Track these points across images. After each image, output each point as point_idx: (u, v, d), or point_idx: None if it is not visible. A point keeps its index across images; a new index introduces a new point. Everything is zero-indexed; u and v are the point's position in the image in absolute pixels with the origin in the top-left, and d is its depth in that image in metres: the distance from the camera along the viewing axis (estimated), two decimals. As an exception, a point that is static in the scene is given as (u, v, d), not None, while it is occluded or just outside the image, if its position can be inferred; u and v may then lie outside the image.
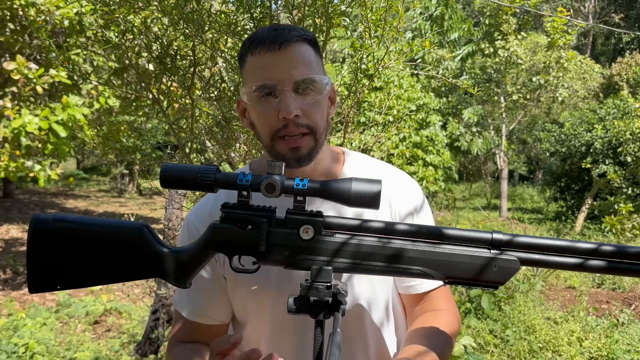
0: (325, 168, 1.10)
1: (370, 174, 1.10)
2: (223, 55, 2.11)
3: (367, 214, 1.03)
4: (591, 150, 10.35)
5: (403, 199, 1.12)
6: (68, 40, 5.61)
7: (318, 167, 1.07)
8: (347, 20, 2.04)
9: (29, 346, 4.03)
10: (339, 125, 2.35)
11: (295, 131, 0.96)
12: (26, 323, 4.54)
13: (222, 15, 1.97)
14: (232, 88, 2.17)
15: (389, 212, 1.10)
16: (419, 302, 1.12)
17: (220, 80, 2.20)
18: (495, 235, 0.84)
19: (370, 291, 1.08)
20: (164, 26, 2.12)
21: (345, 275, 1.05)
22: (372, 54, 2.03)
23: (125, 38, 2.11)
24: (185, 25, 1.97)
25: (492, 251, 0.84)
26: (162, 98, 2.26)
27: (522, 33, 12.60)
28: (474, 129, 14.77)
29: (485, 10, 12.58)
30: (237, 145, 2.35)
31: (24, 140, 4.91)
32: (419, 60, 2.26)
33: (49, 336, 4.35)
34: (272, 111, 0.96)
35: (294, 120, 0.96)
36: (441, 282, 1.03)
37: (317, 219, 0.84)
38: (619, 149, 9.55)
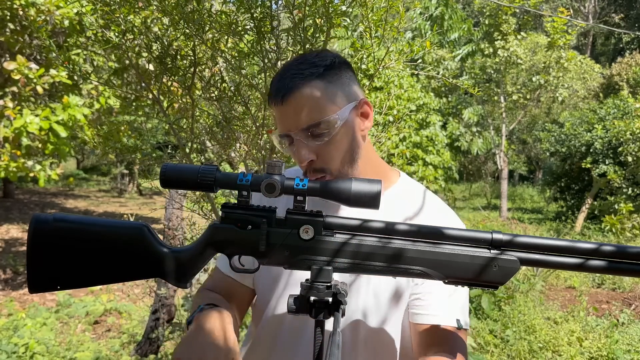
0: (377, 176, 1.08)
1: (413, 204, 1.10)
2: (223, 55, 2.11)
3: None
4: (591, 150, 10.35)
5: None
6: (68, 40, 5.62)
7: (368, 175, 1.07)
8: (348, 20, 2.04)
9: (29, 346, 4.03)
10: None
11: (314, 175, 1.01)
12: (26, 323, 4.54)
13: (223, 15, 1.97)
14: (232, 88, 2.17)
15: None
16: (422, 337, 1.03)
17: (220, 80, 2.20)
18: (496, 235, 0.84)
19: (374, 304, 1.06)
20: (164, 26, 2.12)
21: (348, 280, 1.06)
22: (372, 54, 2.03)
23: (125, 38, 2.11)
24: (185, 25, 1.97)
25: (492, 251, 0.84)
26: (162, 98, 2.26)
27: (522, 33, 12.60)
28: (474, 129, 14.77)
29: (485, 10, 12.58)
30: (237, 145, 2.35)
31: (25, 140, 4.91)
32: (419, 60, 2.26)
33: (49, 336, 4.35)
34: (295, 158, 1.03)
35: (310, 166, 1.01)
36: (454, 323, 1.00)
37: (317, 219, 0.84)
38: (619, 149, 9.55)
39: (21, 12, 4.94)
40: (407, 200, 1.11)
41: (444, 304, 1.02)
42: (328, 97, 0.99)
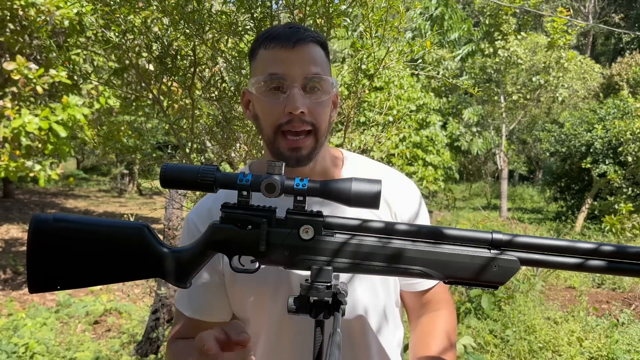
0: (324, 169, 1.11)
1: (369, 175, 1.10)
2: (223, 55, 2.11)
3: (367, 214, 1.03)
4: (591, 150, 10.35)
5: (402, 200, 1.14)
6: (68, 40, 5.62)
7: (317, 168, 1.08)
8: (348, 20, 2.04)
9: (29, 346, 4.03)
10: (339, 125, 2.35)
11: (299, 127, 0.98)
12: (26, 323, 4.54)
13: (223, 15, 1.97)
14: (232, 88, 2.17)
15: (389, 212, 1.12)
16: (420, 298, 1.17)
17: (220, 80, 2.20)
18: (495, 235, 0.84)
19: (371, 297, 1.09)
20: (165, 26, 2.12)
21: (345, 277, 1.06)
22: (372, 54, 2.03)
23: (125, 38, 2.11)
24: (185, 25, 1.97)
25: (492, 251, 0.84)
26: (162, 98, 2.26)
27: (522, 33, 12.60)
28: (474, 129, 14.77)
29: (485, 10, 12.58)
30: (237, 145, 2.35)
31: (24, 140, 4.91)
32: (419, 60, 2.26)
33: (49, 336, 4.35)
34: (278, 105, 0.98)
35: (299, 117, 0.98)
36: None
37: (317, 219, 0.84)
38: (619, 149, 9.55)
39: (21, 12, 4.94)
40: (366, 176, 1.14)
41: None
42: (327, 64, 1.05)
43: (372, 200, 0.81)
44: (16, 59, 4.86)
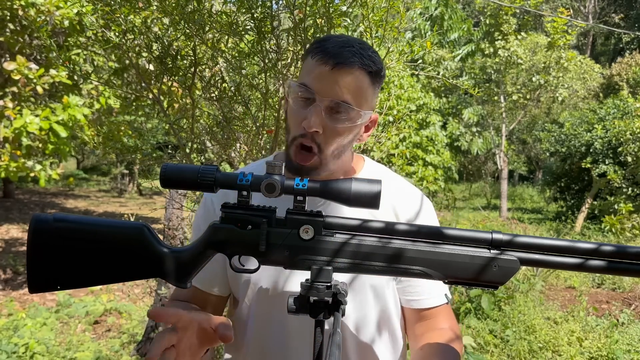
0: (344, 170, 1.13)
1: (381, 177, 1.14)
2: (224, 55, 2.11)
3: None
4: (591, 150, 10.35)
5: (413, 215, 1.14)
6: (68, 40, 5.61)
7: (338, 170, 1.10)
8: (348, 20, 2.04)
9: (29, 346, 4.03)
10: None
11: (308, 143, 1.00)
12: (26, 323, 4.54)
13: (223, 15, 1.97)
14: (232, 88, 2.17)
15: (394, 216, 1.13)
16: (420, 318, 1.13)
17: (221, 80, 2.20)
18: (495, 235, 0.84)
19: (359, 311, 1.09)
20: (165, 26, 2.12)
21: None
22: (372, 54, 2.03)
23: (125, 38, 2.11)
24: (185, 25, 1.97)
25: (492, 251, 0.84)
26: (162, 98, 2.26)
27: (522, 33, 12.61)
28: (474, 129, 14.77)
29: (486, 10, 12.58)
30: (238, 145, 2.35)
31: (25, 140, 4.91)
32: (419, 60, 2.26)
33: (49, 336, 4.35)
34: (300, 116, 1.00)
35: (312, 135, 1.00)
36: (445, 300, 1.11)
37: (317, 219, 0.84)
38: (619, 149, 9.55)
39: (21, 12, 4.93)
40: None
41: (433, 284, 1.10)
42: (367, 95, 1.03)
43: (372, 200, 0.81)
44: (16, 59, 4.85)
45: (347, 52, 0.98)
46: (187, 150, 2.25)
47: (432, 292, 1.11)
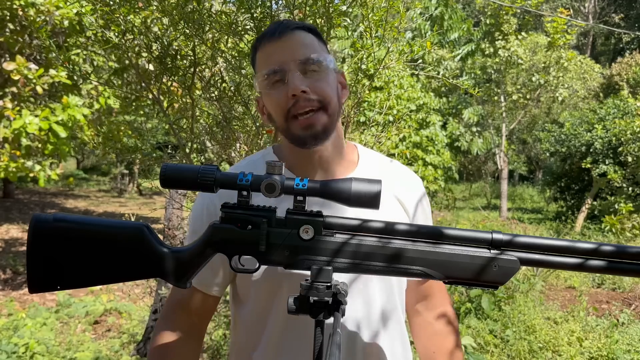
0: (345, 155, 1.14)
1: (381, 165, 1.17)
2: (223, 55, 2.11)
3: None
4: (591, 150, 10.35)
5: (409, 191, 1.17)
6: (68, 40, 5.61)
7: (342, 155, 1.12)
8: (348, 20, 2.04)
9: (29, 346, 4.03)
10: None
11: (306, 105, 1.00)
12: (26, 323, 4.54)
13: (223, 15, 1.97)
14: (232, 88, 2.17)
15: (398, 204, 1.14)
16: (418, 292, 1.22)
17: (220, 80, 2.20)
18: (495, 235, 0.84)
19: (366, 306, 1.08)
20: (164, 26, 2.12)
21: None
22: (372, 54, 2.03)
23: (125, 38, 2.11)
24: (185, 25, 1.97)
25: (492, 251, 0.84)
26: (162, 98, 2.26)
27: (523, 33, 12.61)
28: (474, 129, 14.77)
29: (486, 10, 12.58)
30: (237, 145, 2.35)
31: (24, 141, 4.91)
32: (419, 60, 2.26)
33: (49, 336, 4.35)
34: (282, 94, 1.01)
35: (303, 96, 1.00)
36: None
37: (317, 219, 0.84)
38: (619, 149, 9.55)
39: (21, 12, 4.93)
40: (379, 166, 1.17)
41: None
42: (318, 45, 1.07)
43: (372, 200, 0.81)
44: (16, 59, 4.85)
45: (282, 23, 1.05)
46: (187, 150, 2.25)
47: None
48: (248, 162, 1.17)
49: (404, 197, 1.15)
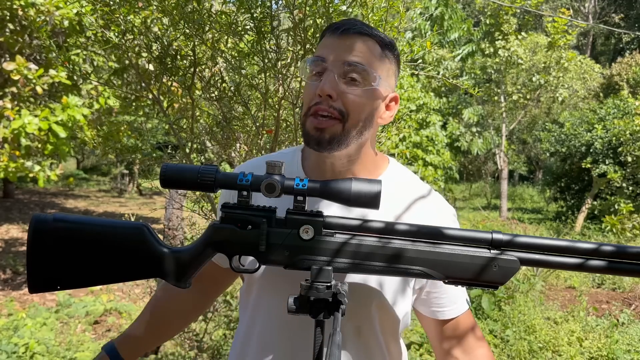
0: (365, 165, 1.07)
1: (407, 189, 1.08)
2: (223, 55, 2.11)
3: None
4: (591, 150, 10.35)
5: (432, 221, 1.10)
6: (68, 40, 5.61)
7: (353, 168, 1.04)
8: (347, 20, 2.03)
9: (29, 346, 4.03)
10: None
11: (325, 110, 0.94)
12: (26, 323, 4.54)
13: (223, 15, 1.97)
14: (232, 88, 2.17)
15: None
16: (445, 329, 1.09)
17: (220, 80, 2.20)
18: (495, 235, 0.84)
19: (362, 315, 1.05)
20: (164, 26, 2.12)
21: None
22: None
23: (125, 38, 2.11)
24: (185, 25, 1.97)
25: (492, 251, 0.84)
26: (162, 98, 2.26)
27: (523, 33, 12.61)
28: (474, 129, 14.76)
29: (486, 10, 12.58)
30: (237, 145, 2.35)
31: (24, 141, 4.91)
32: (419, 60, 2.26)
33: (49, 336, 4.35)
34: (314, 87, 0.97)
35: (327, 100, 0.95)
36: (467, 306, 1.07)
37: (317, 219, 0.84)
38: (619, 149, 9.55)
39: (21, 12, 4.93)
40: (394, 190, 1.07)
41: (455, 292, 1.06)
42: (378, 60, 1.00)
43: (372, 200, 0.81)
44: (16, 59, 4.85)
45: (354, 21, 1.00)
46: (187, 150, 2.25)
47: (457, 301, 1.07)
48: (279, 155, 1.18)
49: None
